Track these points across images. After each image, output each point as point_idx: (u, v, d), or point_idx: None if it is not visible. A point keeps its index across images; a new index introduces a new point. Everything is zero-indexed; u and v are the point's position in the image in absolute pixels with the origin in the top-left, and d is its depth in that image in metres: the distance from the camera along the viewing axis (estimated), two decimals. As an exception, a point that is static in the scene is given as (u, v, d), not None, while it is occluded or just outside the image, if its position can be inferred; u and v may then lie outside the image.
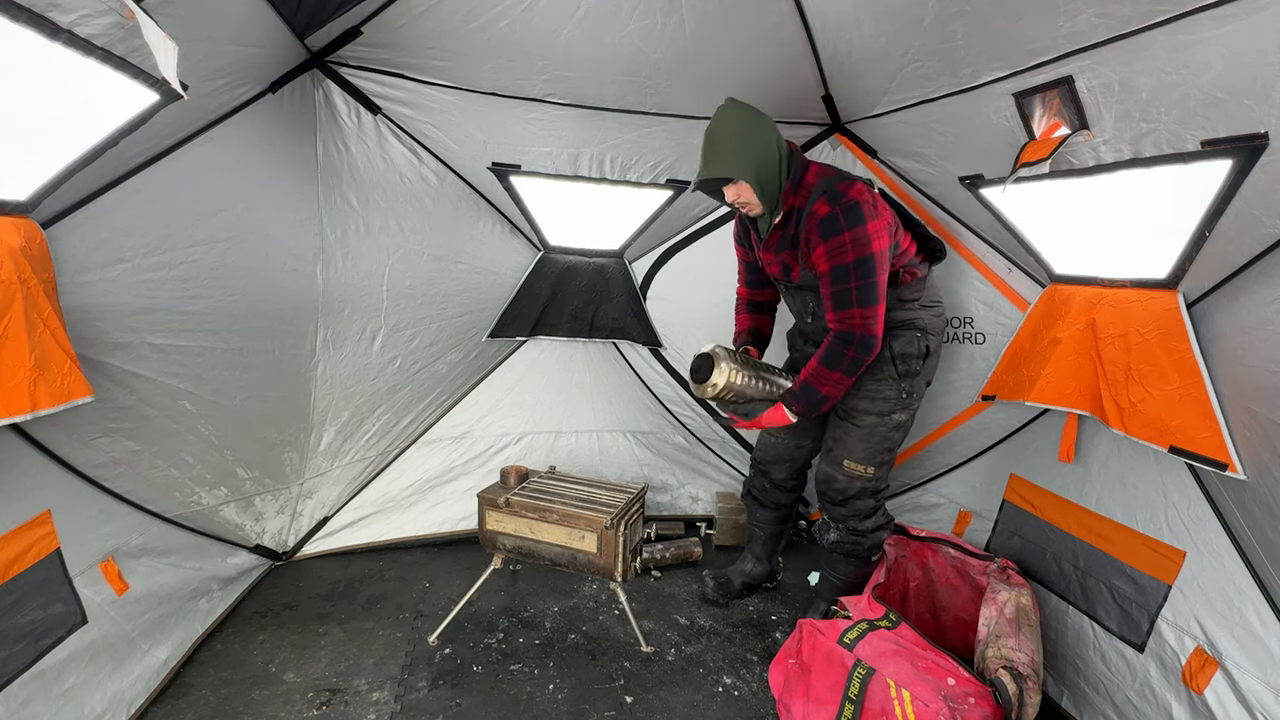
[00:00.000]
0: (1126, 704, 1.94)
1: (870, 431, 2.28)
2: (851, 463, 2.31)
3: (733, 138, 2.04)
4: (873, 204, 2.05)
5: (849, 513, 2.35)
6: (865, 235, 1.99)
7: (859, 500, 2.34)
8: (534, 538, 2.42)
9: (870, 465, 2.30)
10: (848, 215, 1.99)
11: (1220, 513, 1.78)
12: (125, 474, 2.00)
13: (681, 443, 3.57)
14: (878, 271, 2.02)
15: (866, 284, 2.02)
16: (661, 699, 2.21)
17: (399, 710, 2.09)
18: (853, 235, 1.99)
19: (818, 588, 2.66)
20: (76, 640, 1.77)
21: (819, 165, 2.16)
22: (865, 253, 2.00)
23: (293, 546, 2.94)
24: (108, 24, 1.25)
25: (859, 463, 2.30)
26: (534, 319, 3.12)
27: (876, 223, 2.01)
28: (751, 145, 2.03)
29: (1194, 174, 1.57)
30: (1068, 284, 2.17)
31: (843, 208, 2.00)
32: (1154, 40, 1.46)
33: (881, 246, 2.02)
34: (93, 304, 1.68)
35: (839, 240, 2.00)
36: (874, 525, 2.37)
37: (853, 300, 2.04)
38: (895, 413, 2.27)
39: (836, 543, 2.40)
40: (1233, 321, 1.66)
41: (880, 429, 2.28)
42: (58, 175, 1.43)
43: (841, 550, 2.41)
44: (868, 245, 1.99)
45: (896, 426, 2.29)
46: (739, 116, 2.06)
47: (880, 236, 2.02)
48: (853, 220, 1.99)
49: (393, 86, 2.37)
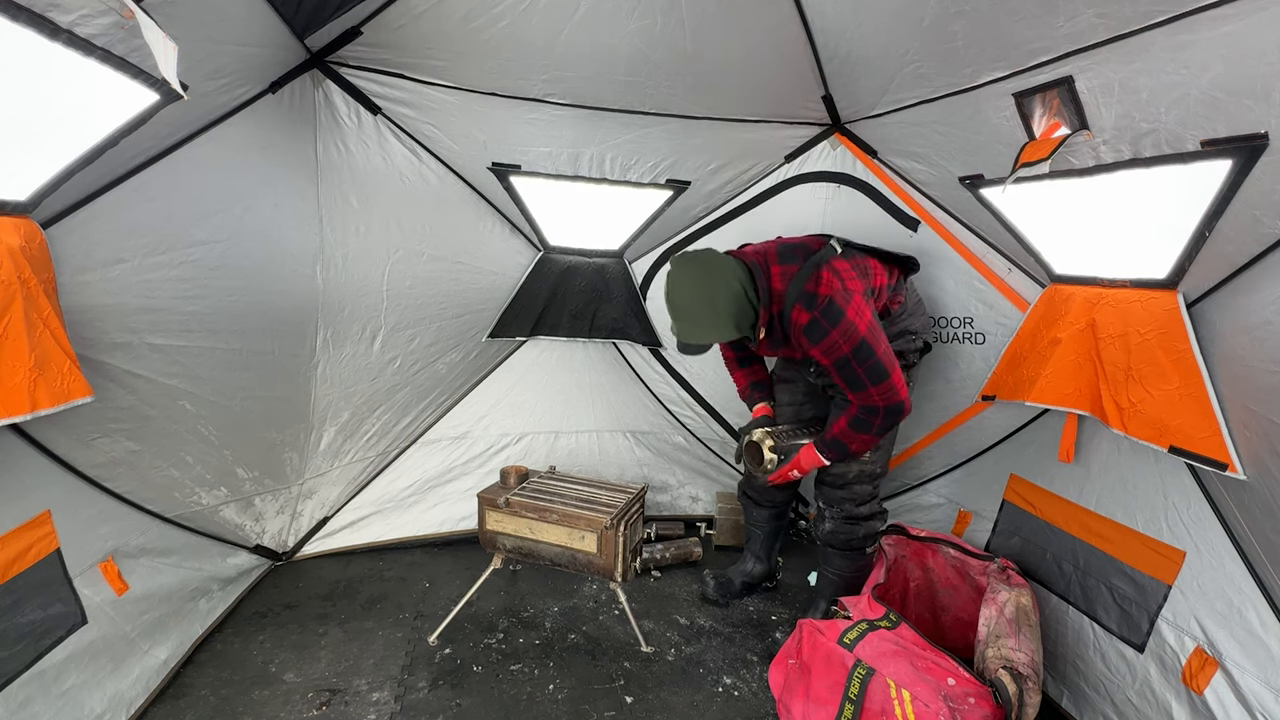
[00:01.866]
0: (1126, 704, 1.94)
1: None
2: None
3: (702, 307, 2.01)
4: (843, 287, 2.03)
5: (846, 496, 2.40)
6: (850, 324, 2.00)
7: (858, 485, 2.40)
8: (534, 538, 2.42)
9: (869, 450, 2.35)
10: (827, 316, 2.00)
11: (1220, 513, 1.78)
12: (125, 474, 1.99)
13: (681, 443, 3.57)
14: (876, 348, 2.04)
15: (871, 364, 2.04)
16: (661, 699, 2.21)
17: (399, 710, 2.09)
18: (840, 331, 2.00)
19: (817, 587, 2.67)
20: (76, 640, 1.77)
21: (780, 265, 2.10)
22: (857, 339, 2.01)
23: (293, 547, 2.94)
24: (108, 24, 1.25)
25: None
26: (534, 319, 3.11)
27: (854, 303, 2.02)
28: (717, 303, 2.00)
29: (1194, 174, 1.57)
30: (1068, 284, 2.17)
31: (820, 311, 2.01)
32: (1154, 40, 1.46)
33: (868, 322, 2.04)
34: (93, 304, 1.68)
35: (829, 341, 2.02)
36: (868, 512, 2.42)
37: (865, 382, 2.07)
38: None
39: (831, 533, 2.44)
40: (1233, 321, 1.66)
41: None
42: (58, 175, 1.43)
43: (837, 542, 2.44)
44: (856, 332, 2.01)
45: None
46: (699, 282, 2.01)
47: (862, 314, 2.03)
48: (834, 318, 2.00)
49: (393, 86, 2.37)
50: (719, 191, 2.97)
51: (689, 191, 2.88)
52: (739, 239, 3.05)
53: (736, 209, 3.05)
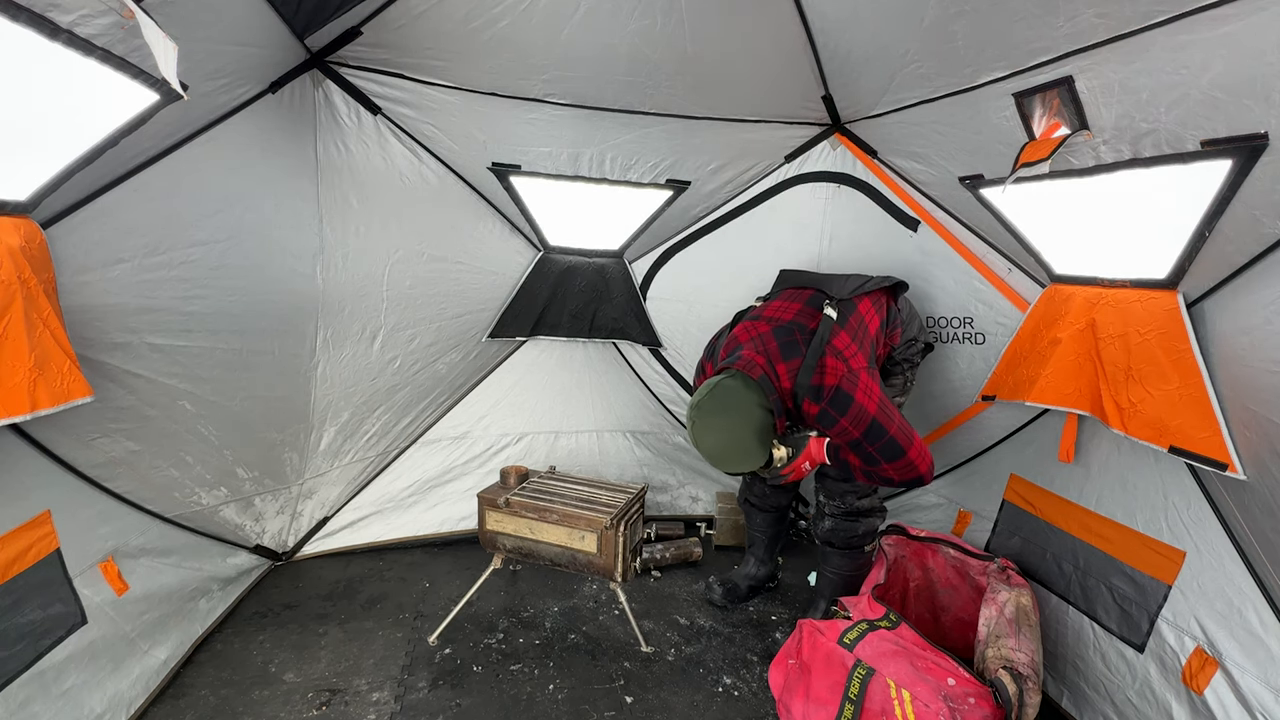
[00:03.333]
0: (1126, 704, 1.94)
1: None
2: None
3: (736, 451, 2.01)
4: (848, 371, 2.01)
5: (849, 488, 2.42)
6: (859, 409, 1.99)
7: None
8: (534, 538, 2.42)
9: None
10: (835, 405, 2.00)
11: (1220, 513, 1.78)
12: (125, 474, 1.99)
13: (681, 443, 3.57)
14: (889, 426, 2.02)
15: (884, 443, 2.03)
16: (661, 699, 2.21)
17: (399, 710, 2.09)
18: (849, 418, 2.00)
19: (817, 587, 2.67)
20: (76, 640, 1.77)
21: (784, 364, 2.07)
22: (867, 422, 2.00)
23: (293, 547, 2.94)
24: (108, 24, 1.25)
25: None
26: (534, 319, 3.11)
27: (860, 384, 2.00)
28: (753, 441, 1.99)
29: (1194, 174, 1.57)
30: (1068, 284, 2.17)
31: (828, 402, 2.00)
32: (1154, 40, 1.46)
33: (877, 401, 2.01)
34: (93, 304, 1.68)
35: (839, 427, 2.03)
36: (869, 506, 2.44)
37: (879, 460, 2.06)
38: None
39: (831, 531, 2.45)
40: (1233, 321, 1.66)
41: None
42: (58, 175, 1.43)
43: (836, 540, 2.45)
44: (866, 415, 2.00)
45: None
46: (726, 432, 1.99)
47: (871, 394, 2.01)
48: (842, 406, 1.99)
49: (393, 86, 2.37)
50: (719, 191, 2.97)
51: (689, 191, 2.88)
52: (739, 238, 3.07)
53: (736, 209, 3.04)
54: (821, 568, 2.60)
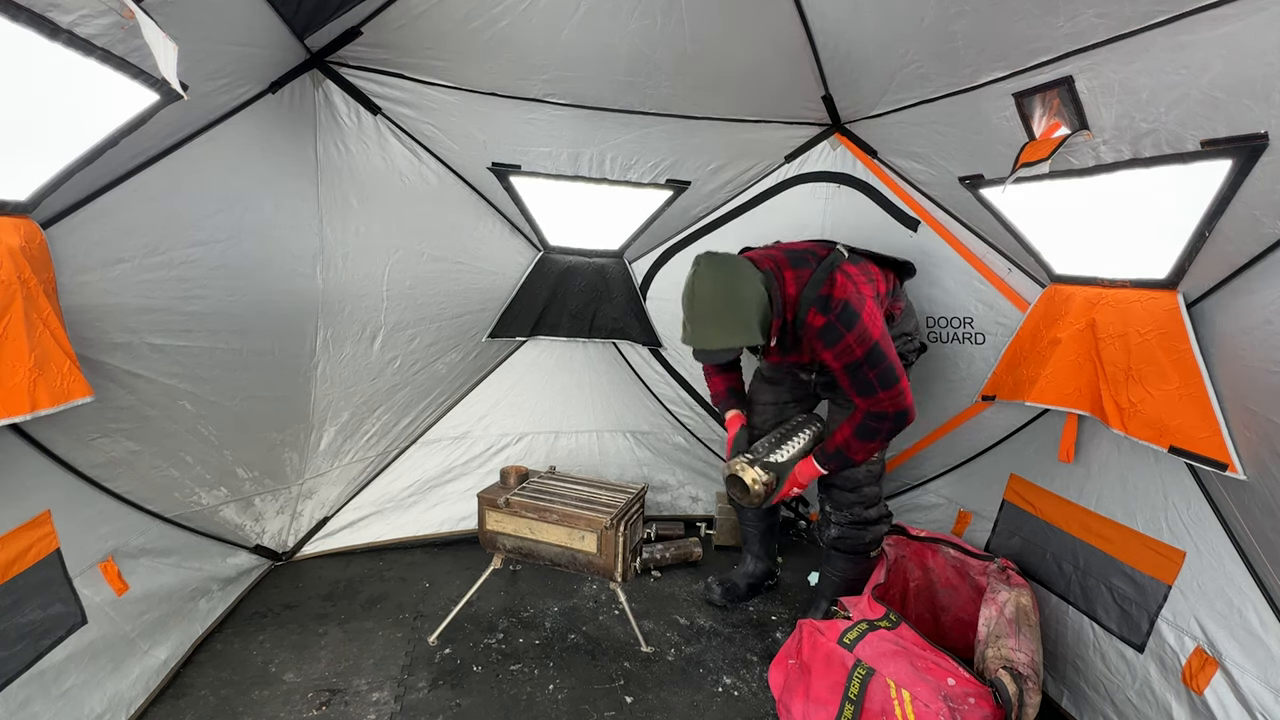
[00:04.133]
0: (1126, 704, 1.94)
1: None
2: None
3: (729, 312, 1.98)
4: (857, 291, 2.04)
5: (857, 499, 2.39)
6: (864, 328, 2.01)
7: (867, 487, 2.39)
8: (534, 538, 2.42)
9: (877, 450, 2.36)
10: (843, 319, 2.01)
11: (1220, 513, 1.78)
12: (125, 474, 1.99)
13: (681, 443, 3.57)
14: (887, 354, 2.05)
15: (882, 369, 2.05)
16: (661, 699, 2.21)
17: (399, 710, 2.09)
18: (855, 335, 2.01)
19: (818, 587, 2.66)
20: (76, 640, 1.77)
21: (791, 270, 2.09)
22: (870, 343, 2.02)
23: (293, 547, 2.94)
24: (108, 24, 1.25)
25: None
26: (534, 319, 3.11)
27: (867, 308, 2.04)
28: (749, 311, 1.99)
29: (1194, 174, 1.57)
30: (1068, 284, 2.17)
31: (836, 315, 2.01)
32: (1154, 40, 1.46)
33: (880, 327, 2.06)
34: (93, 304, 1.68)
35: (844, 344, 2.02)
36: (876, 515, 2.41)
37: (875, 387, 2.07)
38: None
39: (838, 539, 2.42)
40: (1233, 321, 1.66)
41: None
42: (58, 175, 1.43)
43: (843, 546, 2.43)
44: (870, 335, 2.02)
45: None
46: (726, 286, 1.99)
47: (875, 320, 2.04)
48: (849, 321, 2.01)
49: (393, 86, 2.37)
50: (719, 191, 2.97)
51: (689, 191, 2.88)
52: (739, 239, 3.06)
53: (736, 209, 3.04)
54: (824, 569, 2.59)
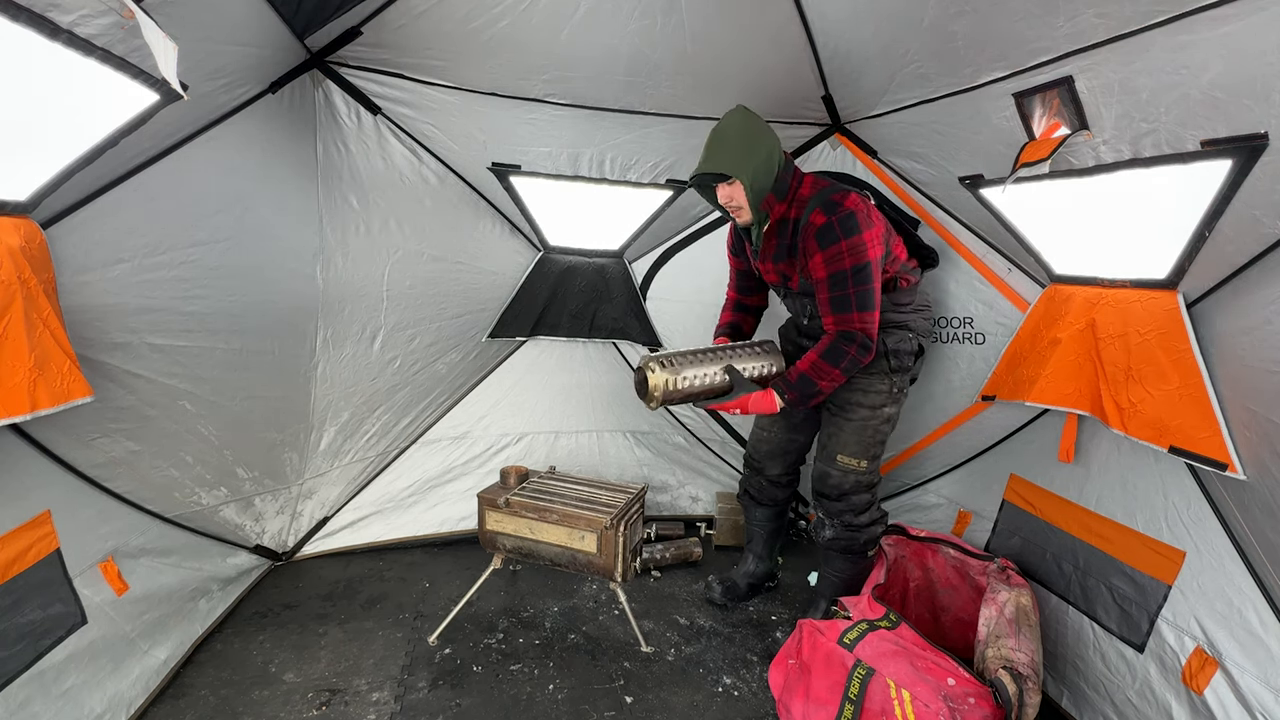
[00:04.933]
0: (1126, 704, 1.94)
1: (863, 425, 2.34)
2: (845, 457, 2.36)
3: (736, 138, 2.11)
4: (867, 213, 2.11)
5: (845, 508, 2.38)
6: (861, 243, 2.06)
7: (855, 495, 2.37)
8: (534, 538, 2.42)
9: (863, 459, 2.35)
10: (844, 224, 2.06)
11: (1220, 513, 1.78)
12: (125, 474, 1.99)
13: (681, 443, 3.57)
14: (874, 278, 2.11)
15: (864, 289, 2.10)
16: (661, 699, 2.21)
17: (399, 710, 2.09)
18: (849, 244, 2.06)
19: (817, 587, 2.66)
20: (76, 640, 1.77)
21: (814, 177, 2.22)
22: (862, 260, 2.07)
23: (293, 547, 2.94)
24: (108, 24, 1.25)
25: (852, 456, 2.35)
26: (534, 319, 3.11)
27: (871, 231, 2.09)
28: (754, 149, 2.10)
29: (1194, 174, 1.57)
30: (1068, 284, 2.17)
31: (838, 217, 2.07)
32: (1154, 40, 1.46)
33: (876, 255, 2.11)
34: (93, 304, 1.68)
35: (836, 249, 2.07)
36: (869, 520, 2.40)
37: (852, 305, 2.11)
38: (885, 406, 2.34)
39: (833, 540, 2.42)
40: (1233, 321, 1.66)
41: (872, 422, 2.34)
42: (58, 175, 1.43)
43: (838, 547, 2.43)
44: (864, 253, 2.07)
45: (886, 420, 2.36)
46: (746, 120, 2.14)
47: (875, 245, 2.10)
48: (848, 229, 2.06)
49: (393, 86, 2.37)
50: (719, 191, 2.97)
51: (689, 191, 2.87)
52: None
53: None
54: (823, 569, 2.60)
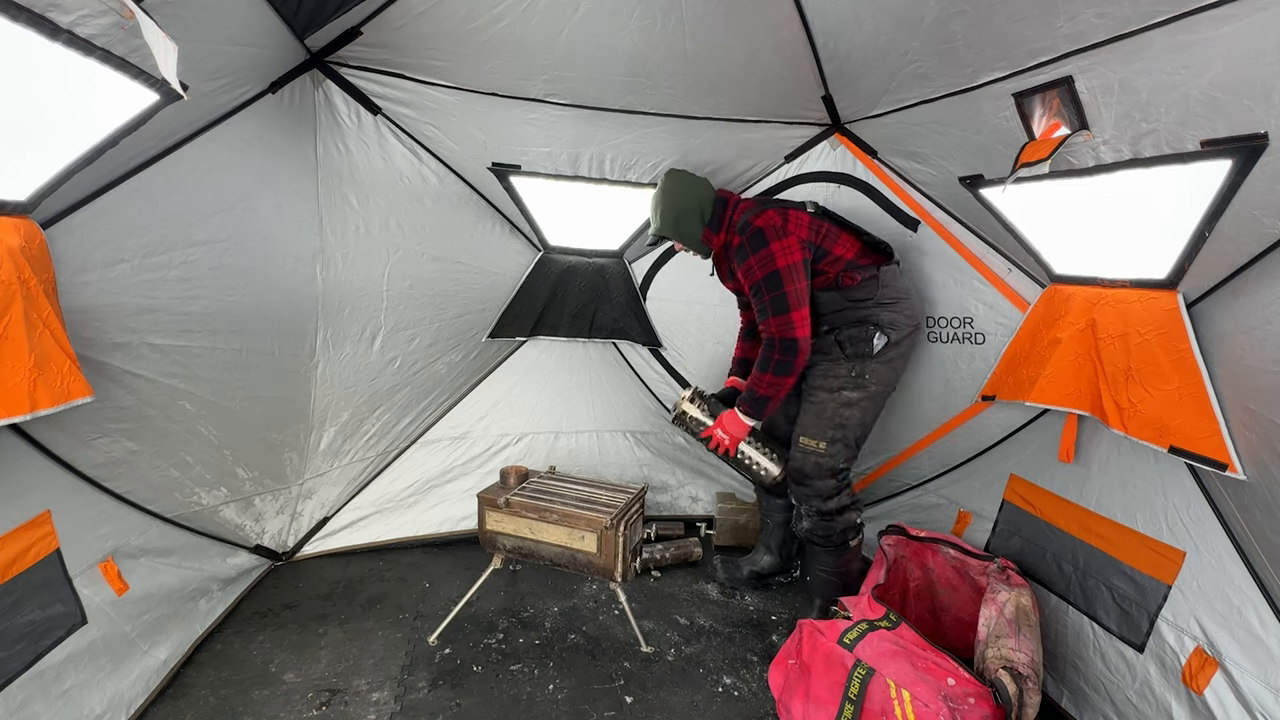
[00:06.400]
0: (1126, 704, 1.94)
1: (821, 407, 2.42)
2: (805, 438, 2.43)
3: (664, 204, 2.46)
4: (781, 226, 2.31)
5: (810, 492, 2.44)
6: (769, 254, 2.28)
7: (817, 480, 2.42)
8: (534, 538, 2.42)
9: (821, 440, 2.40)
10: (752, 241, 2.31)
11: (1220, 513, 1.78)
12: (125, 474, 1.99)
13: (681, 443, 3.57)
14: (785, 283, 2.29)
15: (776, 295, 2.29)
16: (661, 699, 2.21)
17: (399, 710, 2.09)
18: (758, 258, 2.30)
19: (810, 585, 2.68)
20: (76, 641, 1.77)
21: (745, 203, 2.45)
22: (770, 269, 2.28)
23: (293, 547, 2.94)
24: (108, 24, 1.25)
25: (811, 437, 2.42)
26: (534, 319, 3.11)
27: (780, 242, 2.29)
28: (679, 210, 2.44)
29: (1194, 174, 1.57)
30: (1068, 284, 2.17)
31: (748, 236, 2.32)
32: (1154, 40, 1.46)
33: (788, 261, 2.29)
34: (93, 304, 1.68)
35: (748, 264, 2.33)
36: (837, 506, 2.43)
37: (768, 310, 2.32)
38: (845, 390, 2.41)
39: (810, 530, 2.47)
40: (1233, 321, 1.66)
41: (830, 404, 2.41)
42: (58, 175, 1.43)
43: (817, 539, 2.47)
44: (772, 262, 2.28)
45: (846, 403, 2.41)
46: (670, 185, 2.47)
47: (787, 253, 2.29)
48: (756, 244, 2.30)
49: (393, 87, 2.37)
50: (719, 191, 2.97)
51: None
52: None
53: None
54: (811, 566, 2.62)
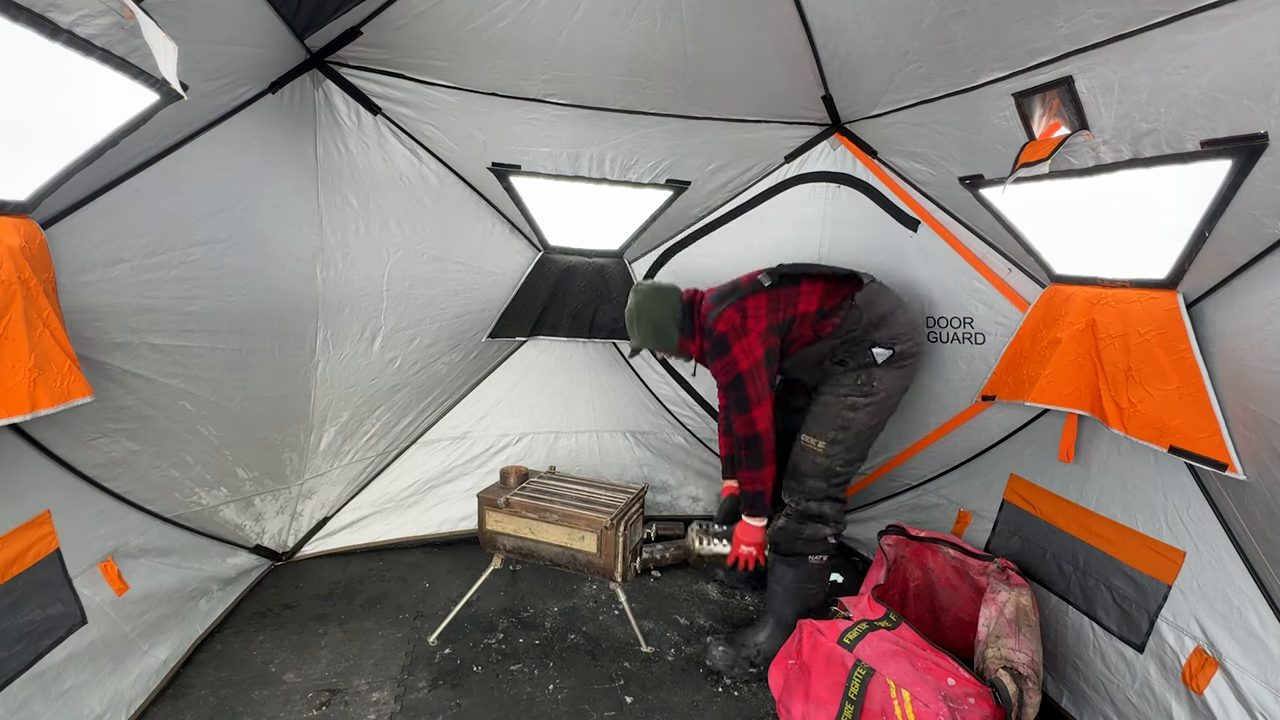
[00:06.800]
0: (1126, 704, 1.94)
1: (826, 408, 2.42)
2: (807, 435, 2.44)
3: (637, 321, 2.51)
4: (740, 325, 2.33)
5: (798, 488, 2.44)
6: (731, 359, 2.33)
7: (811, 480, 2.42)
8: (534, 538, 2.41)
9: (822, 439, 2.40)
10: (717, 348, 2.36)
11: (1220, 513, 1.78)
12: (125, 474, 1.99)
13: (681, 443, 3.57)
14: (746, 386, 2.34)
15: (739, 396, 2.35)
16: (661, 699, 2.21)
17: (399, 710, 2.09)
18: (722, 363, 2.35)
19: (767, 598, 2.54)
20: (76, 641, 1.77)
21: (708, 305, 2.45)
22: (734, 374, 2.34)
23: (292, 547, 2.94)
24: (108, 24, 1.25)
25: (812, 435, 2.42)
26: (534, 319, 3.11)
27: (743, 341, 2.33)
28: (644, 322, 2.50)
29: (1194, 174, 1.57)
30: (1068, 284, 2.17)
31: (713, 343, 2.37)
32: (1154, 40, 1.46)
33: (750, 363, 2.32)
34: (93, 304, 1.68)
35: (714, 368, 2.42)
36: (817, 510, 2.41)
37: (734, 409, 2.39)
38: (851, 396, 2.40)
39: (778, 530, 2.45)
40: (1233, 321, 1.66)
41: (834, 407, 2.41)
42: (58, 175, 1.43)
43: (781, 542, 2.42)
44: (735, 367, 2.33)
45: (852, 407, 2.41)
46: (641, 303, 2.51)
47: (749, 353, 2.33)
48: (720, 350, 2.35)
49: (393, 87, 2.37)
50: (719, 191, 2.97)
51: (689, 191, 2.88)
52: (739, 239, 3.08)
53: (736, 209, 3.04)
54: (769, 581, 2.52)
